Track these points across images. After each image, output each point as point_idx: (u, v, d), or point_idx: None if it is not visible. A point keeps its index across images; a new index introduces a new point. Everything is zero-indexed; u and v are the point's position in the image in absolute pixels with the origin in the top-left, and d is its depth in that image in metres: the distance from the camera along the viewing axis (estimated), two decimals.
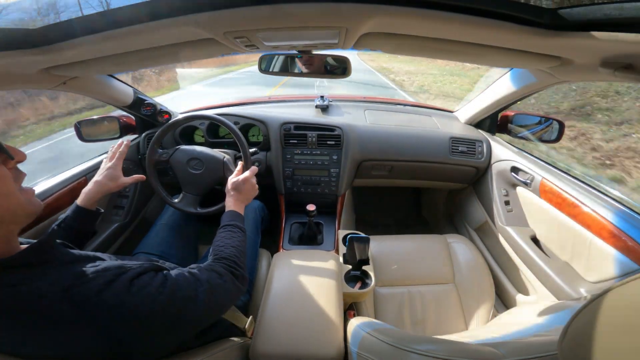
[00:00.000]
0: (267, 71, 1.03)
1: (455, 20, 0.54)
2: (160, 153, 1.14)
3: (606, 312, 0.29)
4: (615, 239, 0.84)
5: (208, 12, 0.52)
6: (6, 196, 0.48)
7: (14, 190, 0.49)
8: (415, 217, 2.18)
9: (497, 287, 1.21)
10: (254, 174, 0.99)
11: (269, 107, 1.68)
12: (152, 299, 0.51)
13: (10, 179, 0.49)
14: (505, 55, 0.72)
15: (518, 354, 0.43)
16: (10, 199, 0.48)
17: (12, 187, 0.49)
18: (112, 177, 0.92)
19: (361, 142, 1.44)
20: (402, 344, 0.51)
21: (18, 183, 0.52)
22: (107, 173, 0.91)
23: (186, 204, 1.12)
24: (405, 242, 1.30)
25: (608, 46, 0.57)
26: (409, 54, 0.89)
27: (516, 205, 1.31)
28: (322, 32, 0.64)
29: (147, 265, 0.57)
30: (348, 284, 0.96)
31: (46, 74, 0.78)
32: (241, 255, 0.77)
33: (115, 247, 1.27)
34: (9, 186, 0.48)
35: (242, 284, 0.73)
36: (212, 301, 0.61)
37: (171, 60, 0.89)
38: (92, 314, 0.46)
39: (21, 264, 0.47)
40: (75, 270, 0.49)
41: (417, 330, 1.06)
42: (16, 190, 0.50)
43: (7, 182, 0.48)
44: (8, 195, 0.48)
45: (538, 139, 1.34)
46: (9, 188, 0.48)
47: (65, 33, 0.59)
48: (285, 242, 1.33)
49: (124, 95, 1.26)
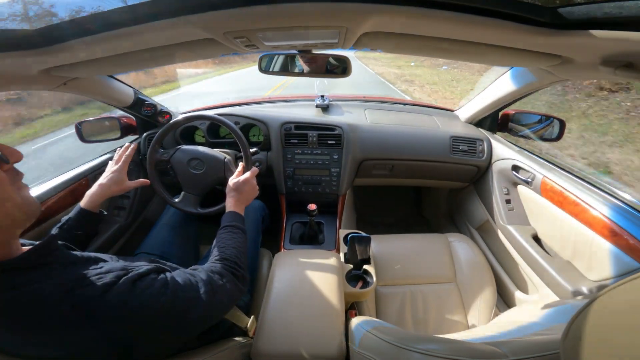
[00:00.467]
0: (267, 71, 1.03)
1: (456, 19, 0.54)
2: (161, 153, 1.14)
3: (608, 311, 0.29)
4: (617, 237, 0.84)
5: (208, 12, 0.52)
6: (3, 201, 0.46)
7: (11, 194, 0.48)
8: (416, 216, 2.18)
9: (499, 286, 1.21)
10: (255, 175, 1.00)
11: (269, 107, 1.68)
12: (155, 301, 0.51)
13: (6, 183, 0.47)
14: (505, 54, 0.72)
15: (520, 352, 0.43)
16: (6, 204, 0.47)
17: (8, 191, 0.47)
18: (117, 180, 0.92)
19: (362, 142, 1.44)
20: (403, 343, 0.51)
21: (16, 184, 0.50)
22: (112, 176, 0.92)
23: (186, 204, 1.12)
24: (407, 242, 1.30)
25: (608, 45, 0.57)
26: (409, 53, 0.89)
27: (517, 204, 1.30)
28: (322, 32, 0.64)
29: (150, 267, 0.57)
30: (349, 284, 0.96)
31: (46, 75, 0.78)
32: (241, 256, 0.78)
33: (116, 247, 1.27)
34: (6, 191, 0.47)
35: (243, 284, 0.73)
36: (213, 302, 0.62)
37: (171, 60, 0.89)
38: (95, 316, 0.46)
39: (23, 266, 0.47)
40: (78, 272, 0.49)
41: (418, 329, 1.06)
42: (13, 193, 0.48)
43: (3, 186, 0.47)
44: (5, 201, 0.46)
45: (539, 138, 1.34)
46: (5, 193, 0.47)
47: (66, 34, 0.60)
48: (286, 242, 1.33)
49: (124, 95, 1.26)
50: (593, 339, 0.29)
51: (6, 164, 0.49)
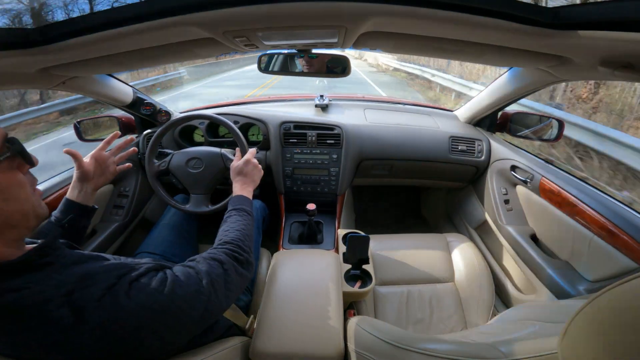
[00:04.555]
0: (266, 70, 1.03)
1: (455, 19, 0.54)
2: (157, 164, 1.14)
3: (606, 312, 0.29)
4: (615, 237, 0.84)
5: (207, 11, 0.52)
6: (23, 202, 0.49)
7: (30, 196, 0.50)
8: (414, 216, 2.18)
9: (497, 286, 1.21)
10: (254, 155, 0.98)
11: (268, 106, 1.68)
12: (153, 300, 0.51)
13: (27, 185, 0.50)
14: (504, 54, 0.72)
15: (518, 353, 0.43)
16: (25, 204, 0.49)
17: (28, 193, 0.50)
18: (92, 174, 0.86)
19: (361, 141, 1.44)
20: (402, 343, 0.51)
21: (32, 187, 0.53)
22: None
23: (196, 205, 1.12)
24: (405, 241, 1.30)
25: (607, 45, 0.57)
26: (408, 53, 0.89)
27: (516, 204, 1.31)
28: (321, 32, 0.64)
29: (149, 265, 0.57)
30: (348, 283, 0.96)
31: (45, 74, 0.78)
32: (246, 239, 0.75)
33: (115, 246, 1.27)
34: (26, 192, 0.50)
35: (246, 269, 0.70)
36: (215, 293, 0.60)
37: (171, 59, 0.89)
38: (94, 319, 0.46)
39: (25, 267, 0.47)
40: (78, 272, 0.49)
41: (417, 329, 1.06)
42: (31, 195, 0.51)
43: (24, 188, 0.49)
44: (25, 201, 0.49)
45: (538, 138, 1.35)
46: (26, 193, 0.49)
47: (64, 33, 0.59)
48: (285, 242, 1.33)
49: (123, 94, 1.25)
50: (591, 339, 0.29)
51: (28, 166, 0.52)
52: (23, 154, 0.50)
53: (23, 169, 0.51)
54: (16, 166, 0.49)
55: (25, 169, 0.51)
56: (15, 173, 0.49)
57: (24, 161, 0.51)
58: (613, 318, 0.28)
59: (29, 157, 0.51)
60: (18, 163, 0.50)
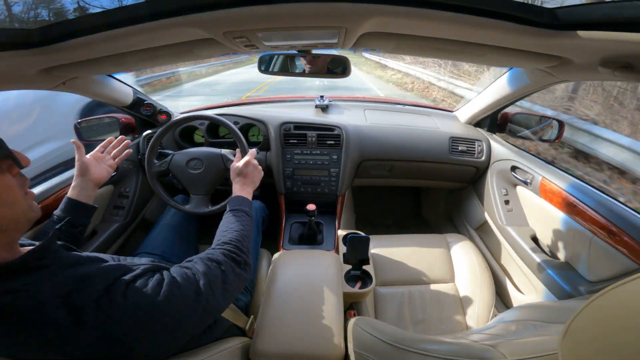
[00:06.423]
0: (267, 71, 1.03)
1: (455, 19, 0.54)
2: (157, 164, 1.14)
3: (606, 312, 0.29)
4: (616, 238, 0.84)
5: (207, 12, 0.52)
6: (11, 205, 0.47)
7: (19, 199, 0.49)
8: (415, 216, 2.18)
9: (497, 287, 1.21)
10: (254, 156, 0.99)
11: (268, 107, 1.68)
12: (150, 301, 0.51)
13: (15, 188, 0.48)
14: (504, 55, 0.72)
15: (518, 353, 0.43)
16: (14, 207, 0.48)
17: (17, 196, 0.49)
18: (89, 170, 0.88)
19: (361, 142, 1.44)
20: (402, 343, 0.51)
21: (23, 190, 0.51)
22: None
23: (197, 206, 1.12)
24: (405, 242, 1.30)
25: (607, 46, 0.57)
26: (408, 54, 0.89)
27: (516, 205, 1.31)
28: (321, 32, 0.64)
29: (146, 267, 0.57)
30: (348, 284, 0.96)
31: (45, 74, 0.78)
32: (244, 240, 0.75)
33: (115, 247, 1.27)
34: (15, 195, 0.48)
35: (244, 270, 0.69)
36: (212, 294, 0.59)
37: (171, 60, 0.89)
38: (91, 319, 0.46)
39: (22, 269, 0.47)
40: (75, 274, 0.49)
41: (417, 329, 1.06)
42: (21, 198, 0.49)
43: (13, 190, 0.48)
44: (13, 204, 0.47)
45: (538, 138, 1.35)
46: (15, 196, 0.48)
47: (65, 33, 0.59)
48: (285, 242, 1.33)
49: (123, 95, 1.25)
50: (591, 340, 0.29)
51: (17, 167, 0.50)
52: (12, 156, 0.48)
53: (12, 171, 0.49)
54: (6, 168, 0.48)
55: (15, 171, 0.50)
56: (4, 176, 0.47)
57: (14, 163, 0.49)
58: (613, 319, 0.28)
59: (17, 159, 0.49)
60: (8, 165, 0.48)
